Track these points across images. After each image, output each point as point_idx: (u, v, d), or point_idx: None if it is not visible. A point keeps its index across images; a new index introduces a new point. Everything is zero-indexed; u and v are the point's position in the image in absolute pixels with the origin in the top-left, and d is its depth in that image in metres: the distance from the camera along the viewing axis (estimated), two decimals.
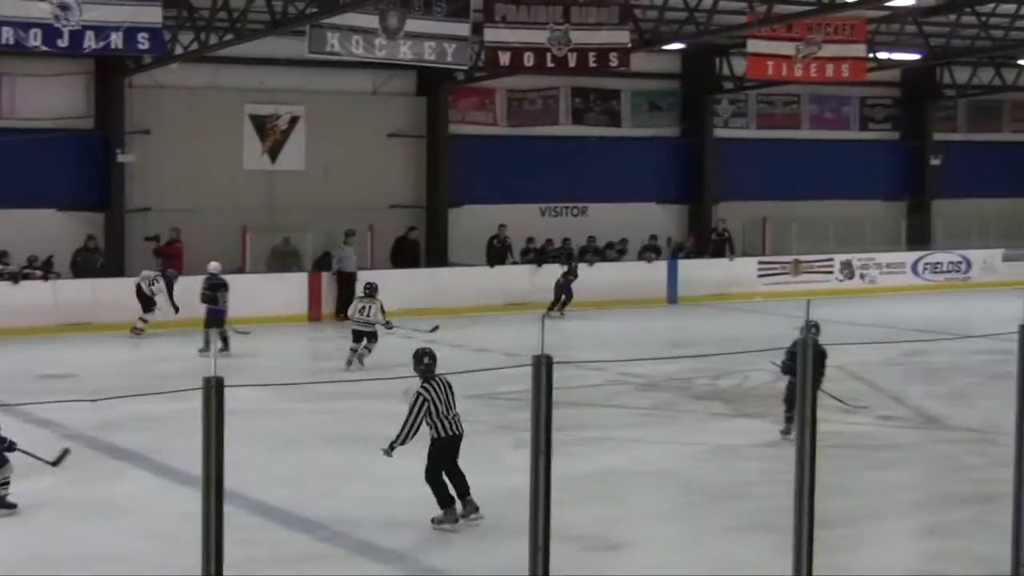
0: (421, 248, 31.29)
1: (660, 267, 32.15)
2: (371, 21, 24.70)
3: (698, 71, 34.86)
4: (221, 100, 29.68)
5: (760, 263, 33.82)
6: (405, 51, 25.42)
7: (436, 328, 21.61)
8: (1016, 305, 7.29)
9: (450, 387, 11.59)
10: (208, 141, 29.49)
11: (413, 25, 25.24)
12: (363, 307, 21.24)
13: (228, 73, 29.51)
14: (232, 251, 28.44)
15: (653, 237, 33.10)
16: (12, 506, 12.21)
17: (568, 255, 30.64)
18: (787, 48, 28.91)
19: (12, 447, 12.29)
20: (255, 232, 29.04)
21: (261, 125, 30.26)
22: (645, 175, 34.83)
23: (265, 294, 27.07)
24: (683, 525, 11.94)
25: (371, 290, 21.42)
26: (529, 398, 5.90)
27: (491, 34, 25.99)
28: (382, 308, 21.14)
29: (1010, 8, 28.82)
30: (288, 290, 28.04)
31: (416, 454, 11.51)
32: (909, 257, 35.50)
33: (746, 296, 31.71)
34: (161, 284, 25.17)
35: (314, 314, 28.08)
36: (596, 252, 32.04)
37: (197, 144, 29.30)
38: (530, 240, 31.48)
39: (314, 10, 23.31)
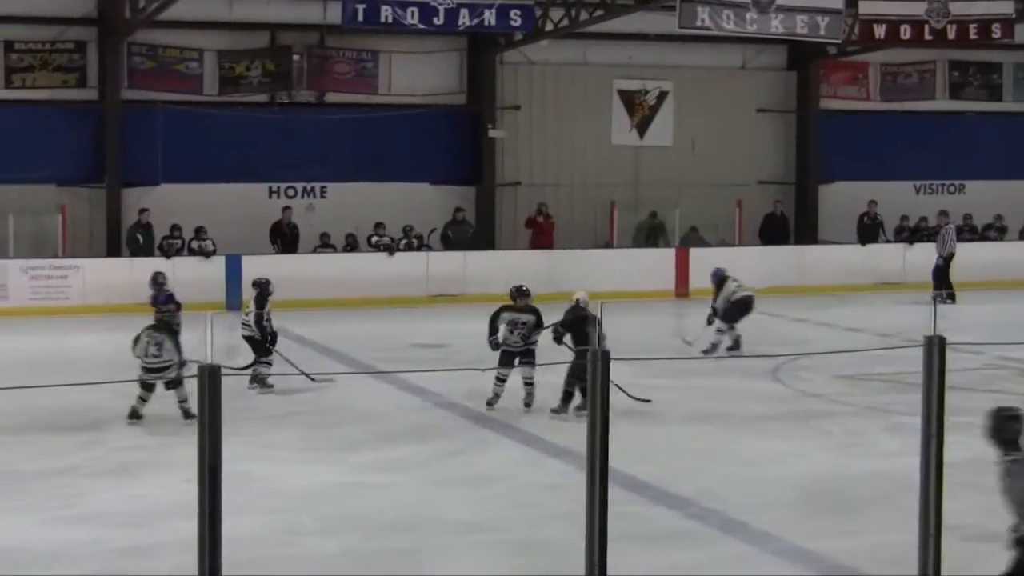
0: (790, 225, 30.81)
1: None
2: None
3: None
4: (589, 76, 29.85)
5: None
6: (776, 25, 24.89)
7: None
8: None
9: None
10: (576, 116, 29.74)
11: None
12: None
13: (597, 49, 29.64)
14: (600, 226, 28.87)
15: None
16: (271, 386, 15.51)
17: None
18: None
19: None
20: (622, 207, 29.16)
21: (629, 100, 30.32)
22: None
23: (631, 269, 27.09)
24: None
25: None
26: (902, 380, 5.58)
27: (866, 7, 25.26)
28: None
29: None
30: (654, 265, 27.93)
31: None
32: None
33: None
34: None
35: (680, 290, 27.90)
36: (973, 232, 30.76)
37: (565, 119, 29.63)
38: (903, 218, 30.45)
39: None
